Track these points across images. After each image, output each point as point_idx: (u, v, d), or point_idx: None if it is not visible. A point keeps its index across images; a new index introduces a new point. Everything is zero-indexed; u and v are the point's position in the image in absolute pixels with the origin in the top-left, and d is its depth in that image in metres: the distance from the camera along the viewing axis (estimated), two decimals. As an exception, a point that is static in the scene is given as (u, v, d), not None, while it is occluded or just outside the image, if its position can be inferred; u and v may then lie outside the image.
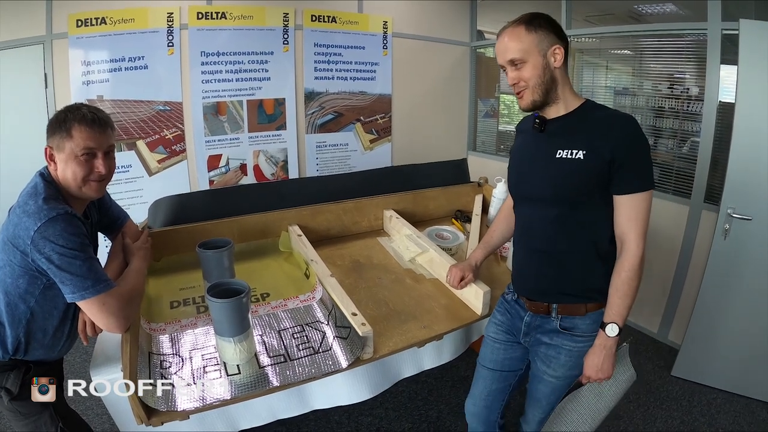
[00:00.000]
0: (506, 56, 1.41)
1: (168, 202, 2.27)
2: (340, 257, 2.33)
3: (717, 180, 3.04)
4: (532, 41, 1.37)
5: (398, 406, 2.78)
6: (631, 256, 1.39)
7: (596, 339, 1.47)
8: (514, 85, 1.44)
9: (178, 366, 1.49)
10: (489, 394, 1.83)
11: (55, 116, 1.47)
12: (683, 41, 3.22)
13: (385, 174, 2.94)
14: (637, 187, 1.37)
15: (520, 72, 1.40)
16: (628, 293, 1.40)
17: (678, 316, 3.36)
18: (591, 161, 1.36)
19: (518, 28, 1.39)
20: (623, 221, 1.40)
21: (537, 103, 1.43)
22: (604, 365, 1.46)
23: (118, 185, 3.53)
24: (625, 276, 1.40)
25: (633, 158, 1.34)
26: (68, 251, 1.35)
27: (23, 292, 1.44)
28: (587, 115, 1.42)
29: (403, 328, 1.74)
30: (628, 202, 1.38)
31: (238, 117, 3.87)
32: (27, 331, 1.50)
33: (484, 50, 5.01)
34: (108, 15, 3.34)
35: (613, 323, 1.42)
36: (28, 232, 1.33)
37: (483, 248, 1.96)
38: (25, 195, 1.44)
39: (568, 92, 1.44)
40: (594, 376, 1.48)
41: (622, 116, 1.39)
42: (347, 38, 4.19)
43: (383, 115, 4.55)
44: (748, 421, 2.72)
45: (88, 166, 1.48)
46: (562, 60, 1.39)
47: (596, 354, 1.47)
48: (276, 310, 1.81)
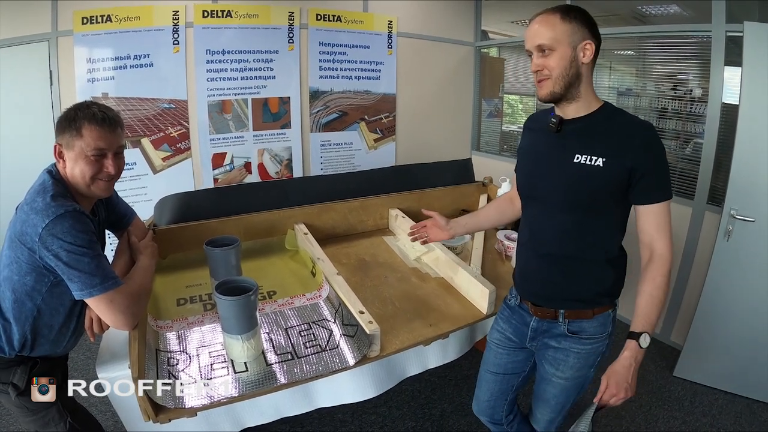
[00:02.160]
0: (535, 41, 1.36)
1: (174, 200, 2.27)
2: (346, 256, 2.34)
3: (720, 181, 3.05)
4: (564, 31, 1.33)
5: (402, 404, 2.79)
6: (664, 262, 1.37)
7: (625, 353, 1.37)
8: (536, 72, 1.39)
9: (186, 363, 1.49)
10: (492, 396, 1.84)
11: (65, 114, 1.47)
12: (687, 43, 3.22)
13: (391, 173, 2.95)
14: (662, 197, 1.36)
15: (546, 60, 1.35)
16: (661, 300, 1.37)
17: (680, 317, 3.37)
18: (611, 169, 1.34)
19: (553, 15, 1.34)
20: (651, 230, 1.39)
21: (556, 96, 1.38)
22: (633, 381, 1.36)
23: (123, 182, 3.52)
24: (660, 281, 1.37)
25: (656, 168, 1.34)
26: (77, 248, 1.35)
27: (30, 290, 1.44)
28: (607, 119, 1.39)
29: (409, 327, 1.74)
30: (655, 211, 1.37)
31: (242, 115, 3.88)
32: (33, 328, 1.50)
33: (488, 50, 5.01)
34: (113, 12, 3.34)
35: (645, 333, 1.35)
36: (36, 229, 1.33)
37: (469, 221, 1.98)
38: (32, 192, 1.44)
39: (590, 92, 1.41)
40: (623, 395, 1.37)
41: (642, 123, 1.37)
42: (352, 37, 4.20)
43: (387, 114, 4.56)
44: (749, 422, 2.72)
45: (98, 165, 1.48)
46: (591, 57, 1.35)
47: (625, 368, 1.36)
48: (283, 308, 1.82)
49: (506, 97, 5.05)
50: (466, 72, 5.00)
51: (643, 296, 1.39)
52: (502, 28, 4.88)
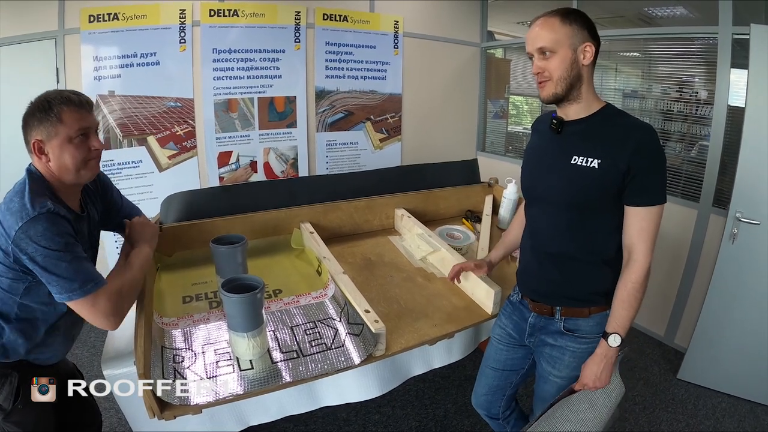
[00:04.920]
0: (536, 44, 1.38)
1: (180, 198, 2.28)
2: (352, 255, 2.34)
3: (725, 184, 3.04)
4: (565, 34, 1.35)
5: (405, 404, 2.79)
6: (638, 268, 1.38)
7: (597, 348, 1.47)
8: (537, 74, 1.41)
9: (191, 360, 1.49)
10: (489, 390, 1.88)
11: (34, 108, 1.43)
12: (693, 45, 3.22)
13: (397, 173, 2.95)
14: (649, 201, 1.36)
15: (547, 62, 1.37)
16: (632, 305, 1.40)
17: (684, 320, 3.36)
18: (606, 171, 1.35)
19: (553, 18, 1.36)
20: (633, 233, 1.39)
21: (558, 97, 1.40)
22: (603, 374, 1.46)
23: (129, 180, 3.55)
24: (630, 287, 1.39)
25: (648, 171, 1.33)
26: (52, 252, 1.32)
27: (7, 289, 1.41)
28: (606, 121, 1.40)
29: (414, 326, 1.74)
30: (640, 214, 1.37)
31: (249, 114, 3.88)
32: (18, 330, 1.47)
33: (494, 51, 5.01)
34: (120, 11, 3.35)
35: (615, 334, 1.42)
36: (10, 231, 1.30)
37: (501, 247, 1.95)
38: (11, 192, 1.39)
39: (591, 93, 1.42)
40: (591, 384, 1.48)
41: (641, 126, 1.36)
42: (358, 37, 4.20)
43: (393, 114, 4.56)
44: (752, 425, 2.72)
45: (85, 146, 1.45)
46: (591, 58, 1.37)
47: (596, 362, 1.47)
48: (288, 306, 1.82)
49: (512, 98, 5.04)
50: (472, 73, 5.00)
51: (616, 299, 1.43)
52: (508, 29, 4.87)
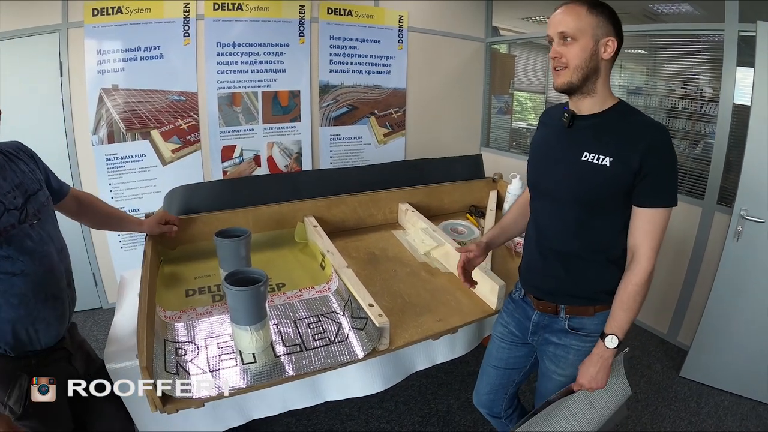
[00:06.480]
0: (558, 28, 1.34)
1: (184, 191, 2.27)
2: (355, 249, 2.34)
3: (730, 182, 3.03)
4: (589, 23, 1.31)
5: (408, 399, 2.79)
6: (640, 270, 1.36)
7: (594, 348, 1.46)
8: (554, 59, 1.37)
9: (194, 354, 1.49)
10: (491, 389, 1.86)
11: None
12: (699, 42, 3.20)
13: (401, 167, 2.93)
14: (659, 203, 1.33)
15: (567, 48, 1.34)
16: (632, 307, 1.38)
17: (688, 318, 3.35)
18: (617, 169, 1.32)
19: (581, 6, 1.32)
20: (638, 233, 1.37)
21: (573, 86, 1.36)
22: (599, 375, 1.45)
23: (132, 174, 3.55)
24: (631, 290, 1.37)
25: (660, 172, 1.30)
26: None
27: None
28: (619, 118, 1.37)
29: (418, 321, 1.73)
30: (647, 216, 1.35)
31: (252, 108, 3.88)
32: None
33: (498, 47, 5.00)
34: (124, 4, 3.34)
35: (613, 335, 1.40)
36: None
37: (498, 228, 1.87)
38: None
39: (606, 89, 1.39)
40: (587, 384, 1.47)
41: (655, 125, 1.34)
42: (363, 32, 4.19)
43: (397, 109, 4.55)
44: (755, 424, 2.72)
45: None
46: (612, 54, 1.34)
47: (592, 363, 1.45)
48: (292, 300, 1.82)
49: (516, 94, 5.04)
50: (477, 68, 4.99)
51: (616, 301, 1.41)
52: (512, 24, 4.86)
